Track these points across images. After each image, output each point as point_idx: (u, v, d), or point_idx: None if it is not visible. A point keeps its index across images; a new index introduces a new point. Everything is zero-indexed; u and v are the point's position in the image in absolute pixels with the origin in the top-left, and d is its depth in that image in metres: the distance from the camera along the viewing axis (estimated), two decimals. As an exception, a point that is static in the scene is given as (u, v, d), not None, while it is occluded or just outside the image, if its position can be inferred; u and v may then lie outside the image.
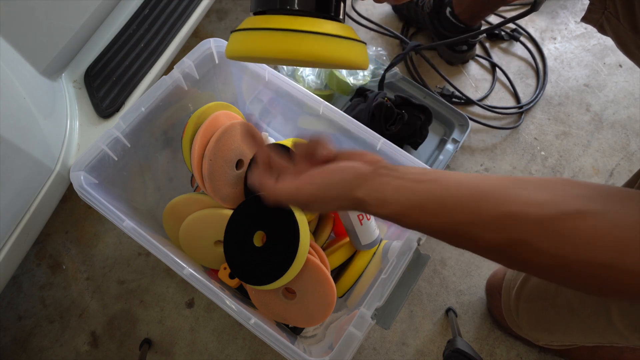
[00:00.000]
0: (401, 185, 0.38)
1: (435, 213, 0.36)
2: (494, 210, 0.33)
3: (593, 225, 0.30)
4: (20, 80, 0.67)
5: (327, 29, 0.39)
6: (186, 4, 0.92)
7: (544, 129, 1.06)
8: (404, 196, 0.37)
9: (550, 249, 0.31)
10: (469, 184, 0.36)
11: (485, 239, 0.34)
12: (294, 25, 0.38)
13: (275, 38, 0.38)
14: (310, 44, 0.38)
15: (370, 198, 0.39)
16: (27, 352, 0.83)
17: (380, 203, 0.38)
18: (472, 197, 0.35)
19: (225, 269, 0.72)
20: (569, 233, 0.31)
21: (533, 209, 0.32)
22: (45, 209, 0.74)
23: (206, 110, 0.72)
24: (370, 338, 0.84)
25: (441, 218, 0.36)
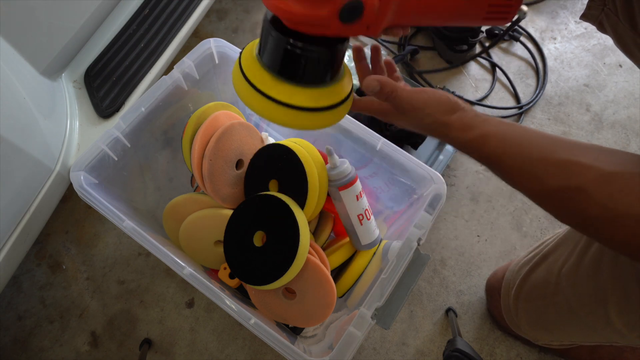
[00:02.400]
0: (488, 118, 0.43)
1: (512, 145, 0.40)
2: (565, 155, 0.37)
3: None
4: (20, 80, 0.67)
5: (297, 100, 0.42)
6: (186, 4, 0.92)
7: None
8: (489, 125, 0.42)
9: (605, 201, 0.34)
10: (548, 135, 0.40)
11: (549, 180, 0.37)
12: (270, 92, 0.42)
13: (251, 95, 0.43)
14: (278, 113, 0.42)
15: (458, 122, 0.43)
16: (27, 352, 0.83)
17: (466, 127, 0.42)
18: (549, 141, 0.39)
19: (225, 269, 0.72)
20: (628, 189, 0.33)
21: (601, 164, 0.35)
22: (45, 209, 0.74)
23: (206, 110, 0.72)
24: (370, 338, 0.84)
25: (516, 151, 0.39)
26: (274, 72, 0.42)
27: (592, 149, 0.37)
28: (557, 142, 0.38)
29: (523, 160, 0.39)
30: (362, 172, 0.75)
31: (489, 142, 0.41)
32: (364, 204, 0.67)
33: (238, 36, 1.16)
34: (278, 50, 0.40)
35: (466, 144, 0.43)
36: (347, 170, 0.65)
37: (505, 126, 0.41)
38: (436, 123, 0.44)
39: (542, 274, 0.65)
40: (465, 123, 0.43)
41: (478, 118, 0.43)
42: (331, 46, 0.41)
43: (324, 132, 0.73)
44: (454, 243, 0.93)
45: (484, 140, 0.41)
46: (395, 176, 0.70)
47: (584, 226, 0.37)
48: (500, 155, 0.40)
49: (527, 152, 0.39)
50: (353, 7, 0.37)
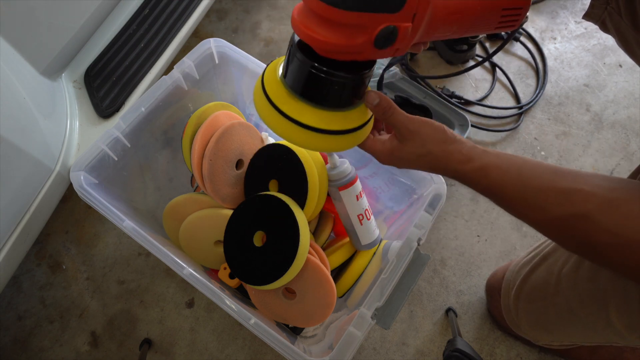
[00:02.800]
0: (486, 149, 0.43)
1: (513, 176, 0.40)
2: (566, 184, 0.37)
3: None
4: (20, 80, 0.67)
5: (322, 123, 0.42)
6: (186, 4, 0.92)
7: (544, 129, 1.06)
8: (489, 157, 0.42)
9: (612, 227, 0.34)
10: (547, 164, 0.40)
11: (552, 210, 0.37)
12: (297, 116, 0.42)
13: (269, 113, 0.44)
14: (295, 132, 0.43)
15: (457, 153, 0.43)
16: (27, 352, 0.83)
17: (466, 159, 0.43)
18: (548, 171, 0.39)
19: (225, 269, 0.72)
20: (632, 215, 0.33)
21: (602, 190, 0.35)
22: (45, 209, 0.74)
23: (206, 110, 0.72)
24: (370, 338, 0.84)
25: (517, 182, 0.39)
26: (300, 95, 0.42)
27: (592, 176, 0.37)
28: (557, 171, 0.39)
29: (525, 190, 0.39)
30: (362, 172, 0.75)
31: (490, 173, 0.41)
32: (364, 204, 0.67)
33: (238, 36, 1.16)
34: (305, 74, 0.41)
35: (466, 176, 0.43)
36: (347, 170, 0.65)
37: (504, 157, 0.41)
38: (434, 154, 0.44)
39: (543, 275, 0.65)
40: (465, 154, 0.43)
41: (476, 149, 0.43)
42: (359, 71, 0.41)
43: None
44: (454, 243, 0.93)
45: (484, 172, 0.41)
46: (395, 176, 0.70)
47: (594, 254, 0.37)
48: (502, 186, 0.40)
49: (529, 183, 0.39)
50: (389, 33, 0.37)
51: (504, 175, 0.40)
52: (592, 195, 0.35)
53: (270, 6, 1.21)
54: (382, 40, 0.37)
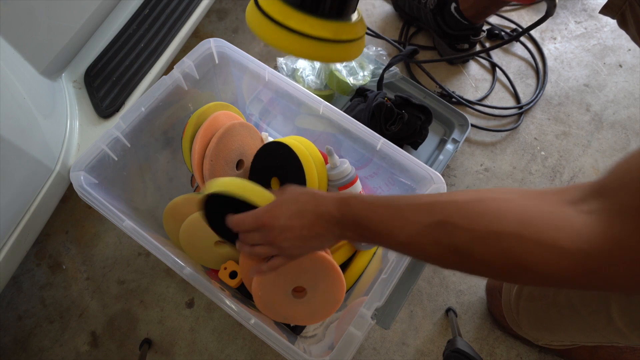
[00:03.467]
0: (355, 196, 0.47)
1: (381, 204, 0.43)
2: (427, 199, 0.41)
3: (506, 205, 0.36)
4: (20, 80, 0.67)
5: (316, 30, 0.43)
6: (186, 4, 0.92)
7: (544, 129, 1.06)
8: (360, 201, 0.45)
9: (467, 225, 0.37)
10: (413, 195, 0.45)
11: (419, 221, 0.40)
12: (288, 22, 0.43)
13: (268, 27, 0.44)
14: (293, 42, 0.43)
15: (342, 206, 0.47)
16: (27, 352, 0.83)
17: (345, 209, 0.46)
18: (413, 196, 0.44)
19: (225, 269, 0.72)
20: (482, 211, 0.36)
21: (458, 197, 0.39)
22: (45, 209, 0.74)
23: (206, 110, 0.72)
24: (370, 338, 0.84)
25: (385, 207, 0.43)
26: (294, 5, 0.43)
27: (451, 193, 0.41)
28: (421, 194, 0.43)
29: (392, 209, 0.42)
30: (362, 172, 0.75)
31: (351, 203, 0.45)
32: (364, 204, 0.67)
33: (238, 36, 1.16)
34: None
35: (337, 224, 0.46)
36: (347, 170, 0.65)
37: (373, 196, 0.45)
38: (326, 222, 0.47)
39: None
40: (323, 205, 0.47)
41: (344, 199, 0.46)
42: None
43: (324, 132, 0.73)
44: (454, 243, 0.93)
45: (346, 204, 0.45)
46: (395, 176, 0.70)
47: (461, 257, 0.38)
48: (372, 217, 0.44)
49: (395, 203, 0.42)
50: None
51: (373, 206, 0.44)
52: (450, 203, 0.39)
53: (270, 6, 1.21)
54: None
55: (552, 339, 0.74)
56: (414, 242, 0.41)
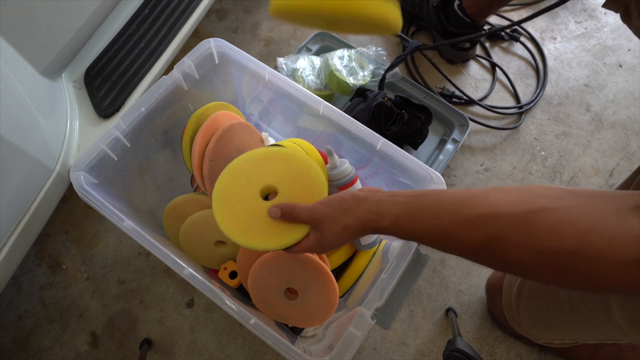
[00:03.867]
0: (394, 201, 0.44)
1: (422, 220, 0.41)
2: (472, 212, 0.38)
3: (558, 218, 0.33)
4: (20, 80, 0.67)
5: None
6: (186, 4, 0.92)
7: (544, 129, 1.06)
8: (397, 208, 0.43)
9: (522, 242, 0.34)
10: (451, 194, 0.41)
11: (467, 239, 0.37)
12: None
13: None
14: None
15: (370, 214, 0.45)
16: (27, 352, 0.83)
17: (379, 217, 0.44)
18: (453, 203, 0.40)
19: (225, 269, 0.72)
20: (537, 226, 0.34)
21: (505, 208, 0.36)
22: (45, 209, 0.74)
23: (206, 110, 0.72)
24: (370, 338, 0.84)
25: (427, 224, 0.41)
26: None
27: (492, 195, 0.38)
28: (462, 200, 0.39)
29: (437, 229, 0.40)
30: (362, 172, 0.75)
31: (402, 224, 0.43)
32: (364, 204, 0.67)
33: (238, 36, 1.16)
34: None
35: (384, 231, 0.44)
36: (347, 170, 0.65)
37: (412, 202, 0.43)
38: (349, 225, 0.46)
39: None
40: (375, 213, 0.44)
41: (384, 203, 0.44)
42: None
43: (324, 132, 0.73)
44: (454, 243, 0.93)
45: (397, 225, 0.43)
46: (395, 176, 0.70)
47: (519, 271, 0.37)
48: (416, 232, 0.42)
49: (439, 221, 0.40)
50: None
51: (415, 222, 0.42)
52: (495, 217, 0.36)
53: (270, 6, 1.21)
54: None
55: (552, 337, 0.74)
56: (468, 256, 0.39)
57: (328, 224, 0.47)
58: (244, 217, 0.53)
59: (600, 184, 1.00)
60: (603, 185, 0.99)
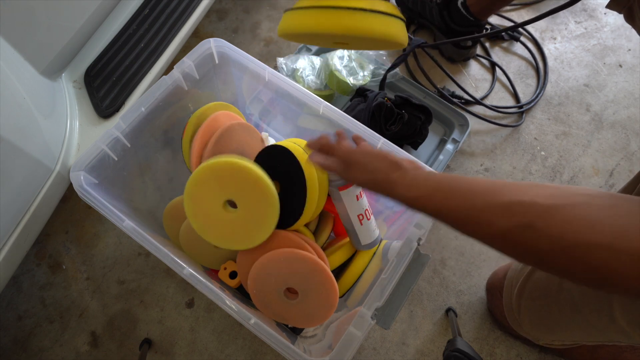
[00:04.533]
0: (430, 175, 0.45)
1: (454, 199, 0.41)
2: (507, 198, 0.38)
3: (597, 213, 0.33)
4: (20, 80, 0.67)
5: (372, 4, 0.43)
6: (186, 4, 0.92)
7: (544, 129, 1.06)
8: (432, 182, 0.44)
9: (555, 233, 0.34)
10: (485, 180, 0.42)
11: (497, 224, 0.37)
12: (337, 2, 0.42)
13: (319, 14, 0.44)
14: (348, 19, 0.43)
15: (402, 180, 0.46)
16: (27, 352, 0.83)
17: (409, 187, 0.45)
18: (488, 187, 0.40)
19: (225, 269, 0.72)
20: (574, 219, 0.33)
21: (541, 199, 0.36)
22: (45, 209, 0.74)
23: (206, 110, 0.72)
24: (370, 338, 0.84)
25: (460, 203, 0.41)
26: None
27: (531, 187, 0.38)
28: (498, 186, 0.40)
29: (468, 210, 0.40)
30: (362, 172, 0.75)
31: (434, 199, 0.43)
32: (364, 204, 0.67)
33: (238, 36, 1.16)
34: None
35: (411, 202, 0.45)
36: (347, 170, 0.65)
37: (446, 180, 0.44)
38: (380, 180, 0.48)
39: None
40: (408, 182, 0.46)
41: (419, 177, 0.45)
42: None
43: (324, 132, 0.73)
44: (454, 243, 0.93)
45: (428, 198, 0.44)
46: (395, 176, 0.70)
47: (540, 262, 0.37)
48: (447, 210, 0.42)
49: (471, 203, 0.40)
50: None
51: (447, 198, 0.42)
52: (532, 206, 0.36)
53: (270, 6, 1.21)
54: None
55: (553, 339, 0.74)
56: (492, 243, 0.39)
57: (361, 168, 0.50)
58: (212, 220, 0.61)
59: (600, 184, 1.00)
60: (603, 186, 0.99)
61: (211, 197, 0.61)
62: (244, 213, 0.61)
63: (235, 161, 0.59)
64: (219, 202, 0.61)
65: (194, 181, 0.60)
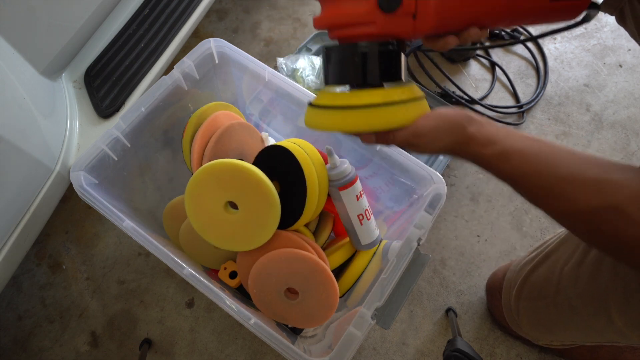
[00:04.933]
0: (512, 132, 0.39)
1: (537, 163, 0.36)
2: (596, 173, 0.34)
3: None
4: (20, 80, 0.67)
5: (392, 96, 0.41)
6: (186, 4, 0.92)
7: (544, 129, 1.06)
8: (512, 140, 0.38)
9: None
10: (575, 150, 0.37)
11: (582, 200, 0.34)
12: (370, 99, 0.40)
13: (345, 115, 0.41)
14: (385, 115, 0.41)
15: (479, 135, 0.39)
16: (27, 352, 0.83)
17: (487, 141, 0.39)
18: (577, 159, 0.35)
19: (225, 269, 0.72)
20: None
21: (634, 183, 0.32)
22: (45, 209, 0.74)
23: (206, 110, 0.72)
24: (370, 338, 0.84)
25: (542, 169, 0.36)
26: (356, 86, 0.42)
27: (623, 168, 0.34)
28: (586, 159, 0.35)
29: (549, 179, 0.36)
30: (362, 172, 0.75)
31: (511, 159, 0.38)
32: (364, 204, 0.67)
33: (238, 36, 1.16)
34: (353, 62, 0.40)
35: (485, 160, 0.40)
36: (347, 170, 0.65)
37: (529, 142, 0.38)
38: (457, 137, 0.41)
39: (544, 273, 0.65)
40: (487, 137, 0.39)
41: (499, 132, 0.39)
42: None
43: (324, 132, 0.73)
44: (454, 243, 0.93)
45: (505, 157, 0.38)
46: (395, 176, 0.70)
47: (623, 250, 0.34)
48: (525, 173, 0.37)
49: (554, 171, 0.35)
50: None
51: (528, 161, 0.37)
52: (624, 187, 0.32)
53: (270, 6, 1.21)
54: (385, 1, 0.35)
55: (552, 339, 0.74)
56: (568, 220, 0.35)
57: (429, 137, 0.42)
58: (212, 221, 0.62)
59: (600, 184, 1.00)
60: (603, 185, 0.99)
61: (212, 199, 0.61)
62: (245, 215, 0.60)
63: (237, 163, 0.59)
64: (220, 203, 0.61)
65: (195, 182, 0.60)
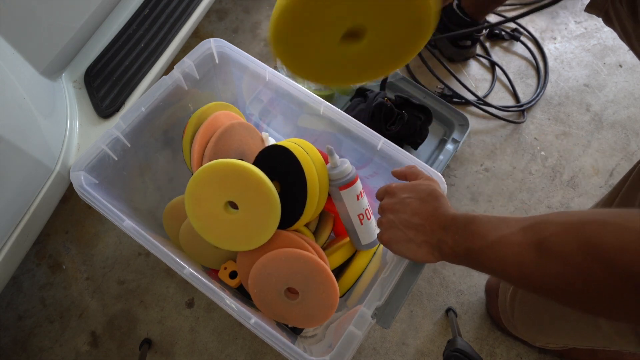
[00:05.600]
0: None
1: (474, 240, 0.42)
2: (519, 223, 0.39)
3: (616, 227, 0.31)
4: (20, 80, 0.67)
5: None
6: (186, 4, 0.92)
7: (544, 129, 1.06)
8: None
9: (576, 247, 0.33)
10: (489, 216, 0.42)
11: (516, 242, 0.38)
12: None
13: None
14: None
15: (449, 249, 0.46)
16: (27, 352, 0.83)
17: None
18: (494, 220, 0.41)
19: (225, 269, 0.72)
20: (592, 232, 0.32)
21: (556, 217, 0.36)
22: (45, 209, 0.74)
23: (206, 110, 0.72)
24: (370, 338, 0.84)
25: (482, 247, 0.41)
26: None
27: (537, 216, 0.38)
28: (503, 218, 0.40)
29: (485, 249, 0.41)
30: (362, 171, 0.75)
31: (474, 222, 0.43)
32: (365, 204, 0.67)
33: (238, 36, 1.16)
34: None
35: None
36: (348, 169, 0.65)
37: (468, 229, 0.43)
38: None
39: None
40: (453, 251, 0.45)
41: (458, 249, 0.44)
42: None
43: (324, 132, 0.73)
44: (454, 243, 0.93)
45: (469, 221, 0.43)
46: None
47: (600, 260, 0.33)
48: (478, 258, 0.42)
49: (485, 241, 0.41)
50: None
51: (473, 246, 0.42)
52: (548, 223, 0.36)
53: (270, 6, 1.21)
54: None
55: (547, 341, 0.74)
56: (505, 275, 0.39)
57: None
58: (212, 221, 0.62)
59: (600, 184, 1.00)
60: (603, 185, 0.99)
61: (212, 199, 0.61)
62: (245, 215, 0.61)
63: (237, 163, 0.59)
64: (220, 203, 0.61)
65: (195, 182, 0.60)
